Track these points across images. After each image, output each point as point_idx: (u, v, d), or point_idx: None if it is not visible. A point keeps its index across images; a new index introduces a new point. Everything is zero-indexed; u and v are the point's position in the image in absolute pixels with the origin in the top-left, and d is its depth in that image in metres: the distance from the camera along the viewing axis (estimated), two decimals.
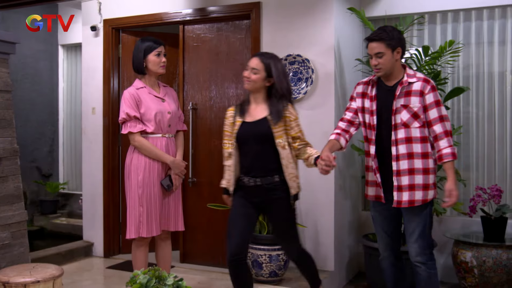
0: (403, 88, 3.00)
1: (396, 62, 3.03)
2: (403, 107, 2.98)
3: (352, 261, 4.71)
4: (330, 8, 4.26)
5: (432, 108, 2.96)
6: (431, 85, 2.98)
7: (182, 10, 4.82)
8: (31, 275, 3.06)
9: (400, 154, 2.99)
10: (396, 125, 3.00)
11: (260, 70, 3.10)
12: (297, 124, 3.13)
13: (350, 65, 4.53)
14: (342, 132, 3.21)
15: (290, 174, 3.07)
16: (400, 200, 3.01)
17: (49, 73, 6.92)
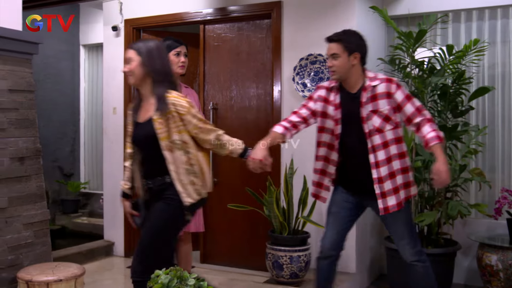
0: (368, 93, 2.91)
1: (353, 68, 2.93)
2: (373, 113, 2.89)
3: (374, 263, 4.68)
4: (352, 7, 4.24)
5: (405, 104, 2.89)
6: (395, 83, 2.90)
7: (203, 10, 4.84)
8: (54, 274, 3.10)
9: (380, 160, 2.90)
10: (370, 132, 2.90)
11: (134, 57, 2.74)
12: (193, 115, 2.72)
13: (372, 64, 4.47)
14: (291, 127, 3.04)
15: (181, 181, 2.69)
16: (387, 206, 2.92)
17: (71, 73, 7.01)
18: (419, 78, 4.11)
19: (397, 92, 2.88)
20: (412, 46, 4.04)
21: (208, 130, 2.78)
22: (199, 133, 2.74)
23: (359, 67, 2.96)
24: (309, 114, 3.06)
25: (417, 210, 4.19)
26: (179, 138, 2.69)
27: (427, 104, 4.21)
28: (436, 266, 3.98)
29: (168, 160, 2.68)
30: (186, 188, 2.70)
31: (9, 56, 3.41)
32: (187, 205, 2.70)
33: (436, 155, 2.80)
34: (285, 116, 4.44)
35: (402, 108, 2.89)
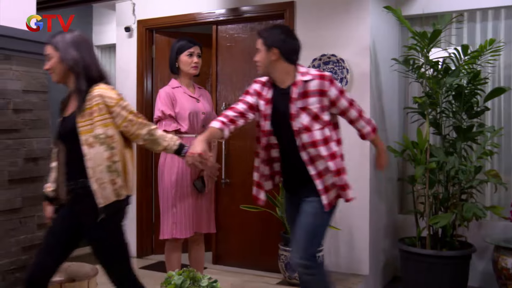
0: (299, 88, 2.83)
1: (275, 63, 2.86)
2: (302, 110, 2.82)
3: (387, 265, 4.66)
4: (365, 7, 4.22)
5: (339, 100, 2.86)
6: (328, 79, 2.83)
7: (215, 10, 4.85)
8: (67, 274, 3.13)
9: (313, 156, 2.83)
10: (299, 131, 2.83)
11: (52, 53, 2.62)
12: (123, 107, 2.60)
13: (386, 65, 4.48)
14: (228, 122, 2.91)
15: (99, 180, 2.52)
16: (330, 201, 2.89)
17: None
18: (433, 79, 4.08)
19: (331, 89, 2.82)
20: (426, 46, 4.02)
21: (140, 124, 2.65)
22: (129, 126, 2.61)
23: (284, 63, 2.87)
24: (246, 109, 2.96)
25: (432, 211, 4.16)
26: (103, 131, 2.54)
27: (441, 105, 4.18)
28: (451, 269, 3.97)
29: (87, 156, 2.52)
30: (103, 188, 2.52)
31: (24, 57, 3.44)
32: (101, 206, 2.52)
33: (375, 144, 3.12)
34: None
35: (337, 104, 2.86)
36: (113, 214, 2.58)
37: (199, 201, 3.57)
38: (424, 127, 4.20)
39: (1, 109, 3.29)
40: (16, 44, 3.36)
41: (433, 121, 4.21)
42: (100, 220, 2.51)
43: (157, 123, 3.54)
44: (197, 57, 3.60)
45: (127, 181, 2.62)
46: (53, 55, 2.61)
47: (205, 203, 3.61)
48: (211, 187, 3.62)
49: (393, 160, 4.72)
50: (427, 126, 4.14)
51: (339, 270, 4.34)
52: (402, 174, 4.86)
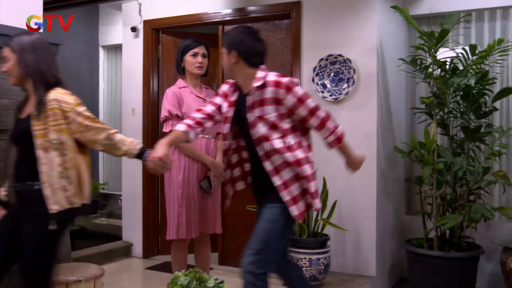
0: (255, 96, 2.68)
1: (235, 67, 2.74)
2: (259, 119, 2.67)
3: (394, 267, 4.64)
4: (372, 7, 4.22)
5: (297, 109, 2.65)
6: (285, 86, 2.63)
7: (222, 10, 4.86)
8: (73, 274, 3.14)
9: (278, 165, 2.67)
10: (259, 140, 2.69)
11: (10, 55, 2.57)
12: (78, 113, 2.54)
13: (393, 65, 4.47)
14: (194, 125, 2.81)
15: (52, 185, 2.46)
16: (301, 212, 2.72)
17: (90, 74, 7.09)
18: (441, 79, 4.07)
19: (287, 98, 2.62)
20: (434, 46, 4.01)
21: (97, 129, 2.57)
22: (85, 132, 2.55)
23: (244, 66, 2.73)
24: (214, 110, 2.86)
25: (439, 213, 4.15)
26: (56, 137, 2.49)
27: (449, 105, 4.17)
28: (458, 271, 3.95)
29: (41, 161, 2.47)
30: (55, 194, 2.47)
31: None
32: (53, 212, 2.45)
33: (342, 154, 2.86)
34: None
35: (294, 112, 2.66)
36: (62, 222, 2.51)
37: (205, 202, 3.58)
38: (432, 128, 4.19)
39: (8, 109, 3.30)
40: None
41: (440, 122, 4.20)
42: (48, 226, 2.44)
43: (164, 123, 3.56)
44: (201, 57, 3.60)
45: (81, 189, 2.56)
46: (10, 57, 2.56)
47: (211, 203, 3.62)
48: (217, 188, 3.62)
49: (401, 161, 4.71)
50: (434, 126, 4.13)
51: (345, 271, 4.33)
52: (409, 175, 4.85)
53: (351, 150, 2.85)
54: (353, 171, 2.92)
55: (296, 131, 2.72)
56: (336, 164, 4.32)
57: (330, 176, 4.24)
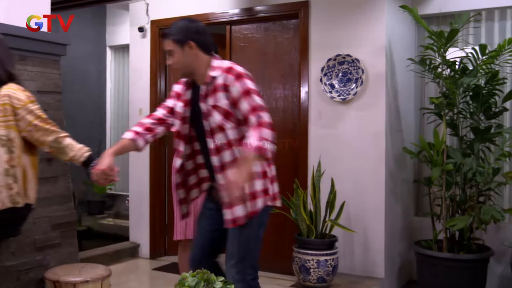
0: (209, 85, 2.52)
1: (195, 58, 2.55)
2: (214, 108, 2.50)
3: (403, 268, 4.63)
4: (381, 6, 4.21)
5: (240, 101, 2.45)
6: (236, 74, 2.48)
7: (229, 10, 4.86)
8: (80, 275, 3.15)
9: (226, 162, 2.51)
10: (212, 131, 2.52)
11: None
12: (29, 111, 2.49)
13: (402, 65, 4.46)
14: (143, 131, 2.66)
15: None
16: (235, 218, 2.52)
17: (97, 75, 7.12)
18: (450, 79, 4.05)
19: (234, 85, 2.46)
20: (443, 46, 3.99)
21: (46, 130, 2.52)
22: (33, 131, 2.49)
23: (203, 56, 2.57)
24: (166, 114, 2.70)
25: (449, 214, 4.13)
26: (5, 133, 2.44)
27: (458, 106, 4.15)
28: (468, 273, 3.93)
29: None
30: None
31: (38, 57, 3.48)
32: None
33: (242, 162, 2.37)
34: (312, 118, 4.46)
35: (237, 104, 2.46)
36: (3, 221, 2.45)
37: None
38: (441, 128, 4.17)
39: None
40: (31, 45, 3.40)
41: (450, 122, 4.18)
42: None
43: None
44: None
45: (26, 189, 2.52)
46: None
47: None
48: None
49: (409, 162, 4.70)
50: (444, 127, 4.11)
51: (354, 272, 4.33)
52: (418, 176, 4.83)
53: (249, 167, 2.35)
54: (227, 193, 2.38)
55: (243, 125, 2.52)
56: (344, 165, 4.33)
57: (338, 177, 4.23)
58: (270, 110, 4.68)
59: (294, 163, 4.61)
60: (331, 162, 4.33)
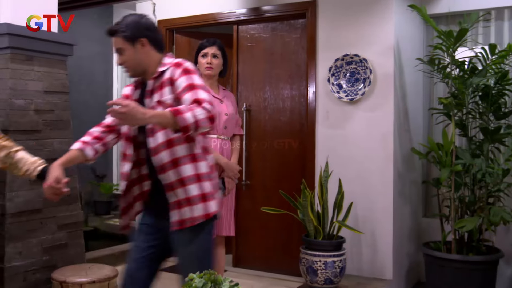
0: (157, 81, 2.41)
1: (147, 56, 2.43)
2: (159, 104, 2.37)
3: (411, 270, 4.61)
4: (389, 6, 4.20)
5: (184, 94, 2.30)
6: (183, 68, 2.36)
7: (236, 10, 4.86)
8: (87, 275, 3.17)
9: (165, 162, 2.35)
10: (153, 129, 2.36)
11: None
12: None
13: (410, 65, 4.44)
14: (92, 140, 2.51)
15: None
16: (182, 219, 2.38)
17: (104, 75, 7.13)
18: (459, 79, 4.04)
19: (180, 79, 2.34)
20: (452, 46, 3.98)
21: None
22: None
23: (155, 54, 2.45)
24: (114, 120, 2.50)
25: (457, 215, 4.11)
26: None
27: (468, 106, 4.13)
28: (477, 275, 3.92)
29: None
30: None
31: (45, 57, 3.50)
32: None
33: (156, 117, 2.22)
34: (320, 118, 4.45)
35: (181, 97, 2.31)
36: None
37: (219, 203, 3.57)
38: (450, 129, 4.16)
39: (23, 110, 3.34)
40: (37, 45, 3.42)
41: (459, 122, 4.16)
42: None
43: None
44: (211, 57, 3.55)
45: None
46: None
47: (226, 205, 3.62)
48: (231, 189, 3.61)
49: (418, 163, 4.68)
50: (453, 127, 4.09)
51: (361, 274, 4.32)
52: (427, 177, 4.82)
53: (150, 114, 2.21)
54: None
55: None
56: (352, 166, 4.32)
57: (346, 178, 4.22)
58: (277, 111, 4.73)
59: (302, 163, 4.60)
60: (339, 163, 4.32)
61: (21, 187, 3.28)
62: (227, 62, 3.69)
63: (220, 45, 3.61)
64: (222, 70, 3.64)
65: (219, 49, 3.59)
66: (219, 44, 3.61)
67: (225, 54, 3.64)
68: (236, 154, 3.67)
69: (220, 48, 3.60)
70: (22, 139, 3.29)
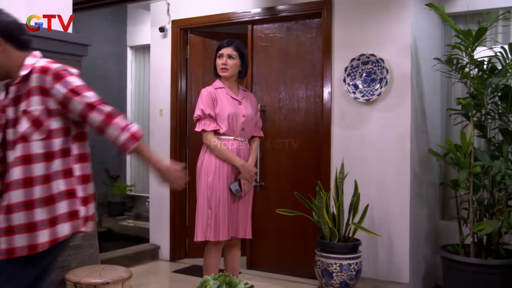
0: (21, 88, 2.19)
1: (6, 57, 2.20)
2: (24, 114, 2.16)
3: (428, 274, 4.58)
4: (406, 4, 4.17)
5: (70, 101, 2.14)
6: (53, 74, 2.16)
7: (251, 10, 4.87)
8: (101, 277, 3.19)
9: (14, 181, 2.13)
10: (15, 141, 2.16)
11: None
12: None
13: (428, 64, 4.41)
14: None
15: None
16: (11, 248, 2.11)
17: (118, 75, 7.19)
18: (478, 79, 4.00)
19: (54, 88, 2.15)
20: (471, 45, 3.94)
21: None
22: None
23: (14, 52, 2.22)
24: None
25: (476, 218, 4.08)
26: None
27: (487, 106, 4.09)
28: (496, 279, 3.88)
29: None
30: None
31: (60, 58, 3.51)
32: None
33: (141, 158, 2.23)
34: (335, 119, 4.44)
35: (68, 106, 2.15)
36: None
37: (236, 205, 3.59)
38: (468, 130, 4.12)
39: None
40: (52, 45, 3.45)
41: (477, 123, 4.13)
42: None
43: (196, 122, 3.58)
44: (227, 58, 3.59)
45: None
46: None
47: (242, 207, 3.63)
48: (247, 191, 3.62)
49: (435, 164, 4.65)
50: (471, 128, 4.06)
51: (377, 277, 4.30)
52: (445, 179, 4.78)
53: (154, 155, 2.26)
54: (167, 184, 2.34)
55: (68, 135, 2.23)
56: (368, 167, 4.30)
57: (362, 179, 4.21)
58: (292, 111, 4.73)
59: (317, 164, 4.59)
60: (355, 164, 4.30)
61: None
62: (246, 62, 3.70)
63: (237, 46, 3.64)
64: (240, 71, 3.67)
65: (235, 49, 3.62)
66: (236, 45, 3.63)
67: (242, 54, 3.66)
68: (253, 156, 3.69)
69: (236, 49, 3.62)
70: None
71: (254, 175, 3.59)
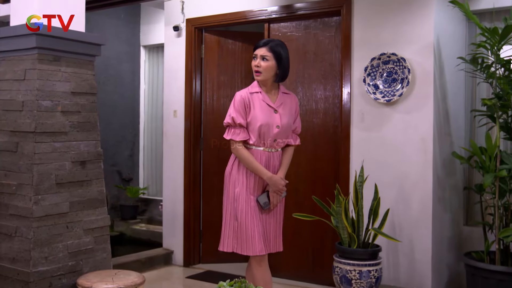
0: None
1: None
2: None
3: (452, 281, 4.54)
4: (429, 2, 4.15)
5: None
6: None
7: (268, 8, 4.88)
8: (114, 282, 3.21)
9: None
10: None
11: None
12: None
13: (451, 64, 4.39)
14: None
15: None
16: None
17: (131, 75, 7.24)
18: (505, 79, 3.97)
19: None
20: (497, 44, 3.91)
21: None
22: None
23: None
24: None
25: (502, 224, 4.04)
26: None
27: None
28: None
29: None
30: None
31: (73, 58, 3.57)
32: None
33: None
34: (355, 120, 4.43)
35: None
36: None
37: (265, 217, 3.45)
38: (494, 132, 4.09)
39: (50, 111, 3.41)
40: (65, 45, 3.49)
41: (503, 125, 4.09)
42: None
43: (226, 128, 3.44)
44: (260, 59, 3.37)
45: None
46: None
47: (273, 220, 3.50)
48: (276, 204, 3.47)
49: (459, 167, 4.61)
50: (497, 130, 4.02)
51: (398, 285, 4.27)
52: (469, 183, 4.74)
53: None
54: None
55: None
56: (389, 171, 4.28)
57: (382, 183, 4.19)
58: (310, 112, 4.73)
59: (335, 167, 4.58)
60: (375, 167, 4.29)
61: (48, 190, 3.35)
62: (284, 65, 3.42)
63: (272, 46, 3.39)
64: (278, 74, 3.42)
65: (269, 50, 3.38)
66: (271, 45, 3.40)
67: (279, 56, 3.39)
68: (284, 168, 3.50)
69: (271, 49, 3.38)
70: (48, 141, 3.36)
71: (282, 188, 3.44)
